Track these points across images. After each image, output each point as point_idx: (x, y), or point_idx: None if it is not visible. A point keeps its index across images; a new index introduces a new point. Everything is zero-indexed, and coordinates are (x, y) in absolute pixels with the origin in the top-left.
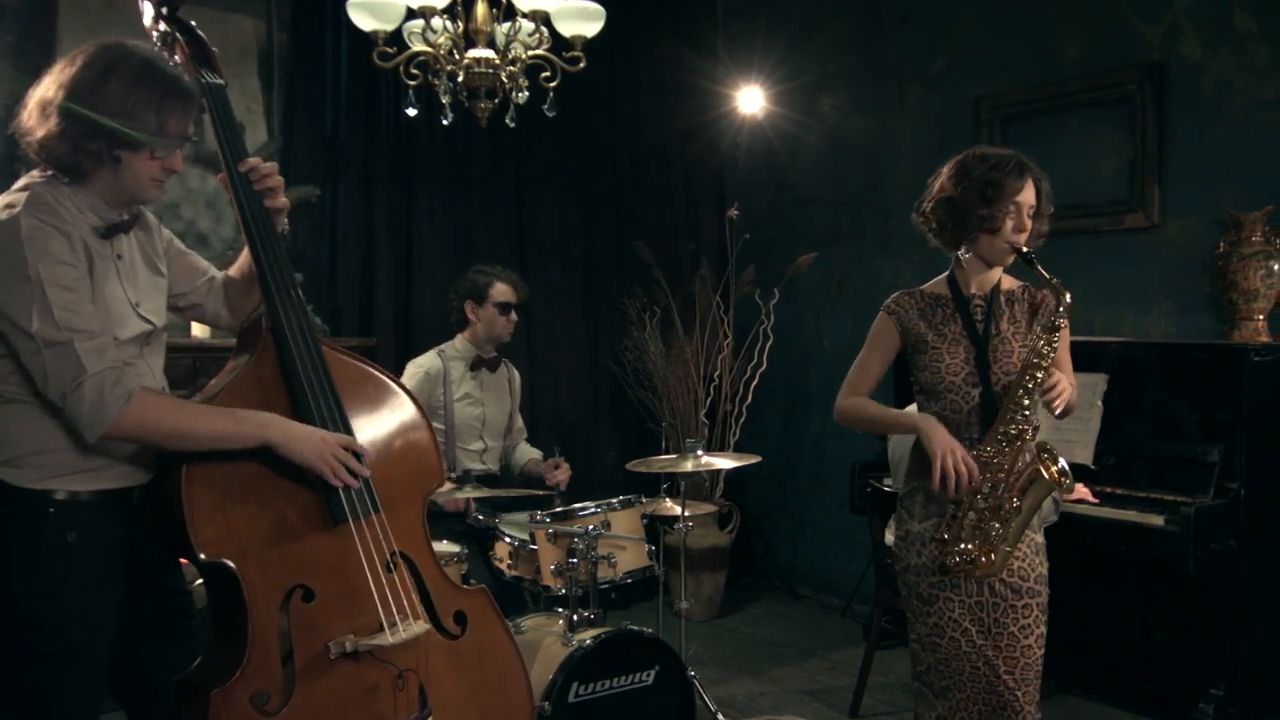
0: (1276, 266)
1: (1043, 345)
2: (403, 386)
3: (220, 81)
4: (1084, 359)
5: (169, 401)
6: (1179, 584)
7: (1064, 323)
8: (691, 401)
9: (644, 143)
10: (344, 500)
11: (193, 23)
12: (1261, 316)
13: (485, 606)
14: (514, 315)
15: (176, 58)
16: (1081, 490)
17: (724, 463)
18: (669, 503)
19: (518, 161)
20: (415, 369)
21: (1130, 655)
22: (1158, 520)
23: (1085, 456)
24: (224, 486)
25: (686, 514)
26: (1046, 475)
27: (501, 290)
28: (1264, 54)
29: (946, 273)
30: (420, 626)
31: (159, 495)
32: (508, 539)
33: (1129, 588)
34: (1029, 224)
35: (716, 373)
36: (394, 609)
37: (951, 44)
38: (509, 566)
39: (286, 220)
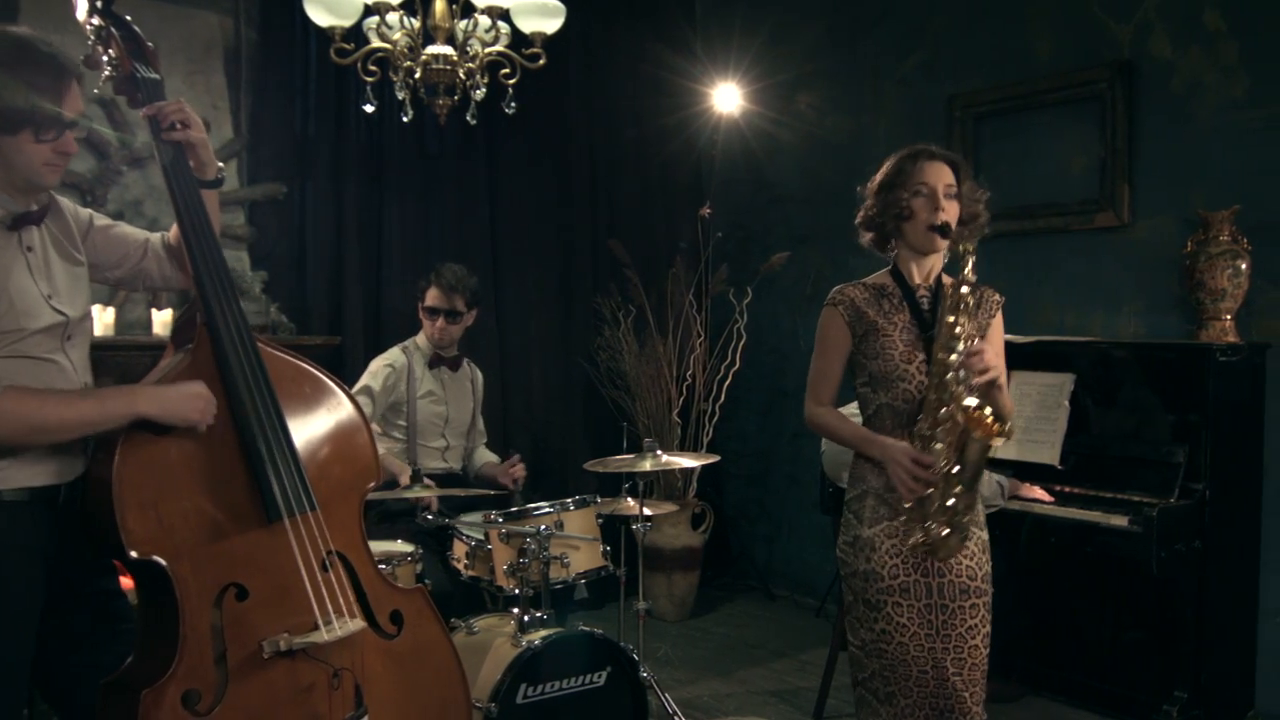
0: (1244, 266)
1: (954, 301)
2: (341, 385)
3: (156, 76)
4: (1052, 359)
5: (33, 396)
6: (1144, 585)
7: (974, 275)
8: (664, 400)
9: (620, 141)
10: (279, 497)
11: (128, 17)
12: (1229, 316)
13: (423, 607)
14: (442, 321)
15: (111, 52)
16: (1038, 491)
17: (684, 462)
18: (630, 502)
19: (490, 159)
20: (381, 363)
21: (1097, 657)
22: (1121, 521)
23: (1052, 456)
24: (156, 483)
25: (650, 513)
26: (979, 429)
27: (431, 294)
28: (1233, 53)
29: (889, 266)
30: (355, 624)
31: (88, 493)
32: (465, 538)
33: (1095, 589)
34: (947, 204)
35: (690, 372)
36: (329, 607)
37: (926, 43)
38: (465, 566)
39: (220, 166)
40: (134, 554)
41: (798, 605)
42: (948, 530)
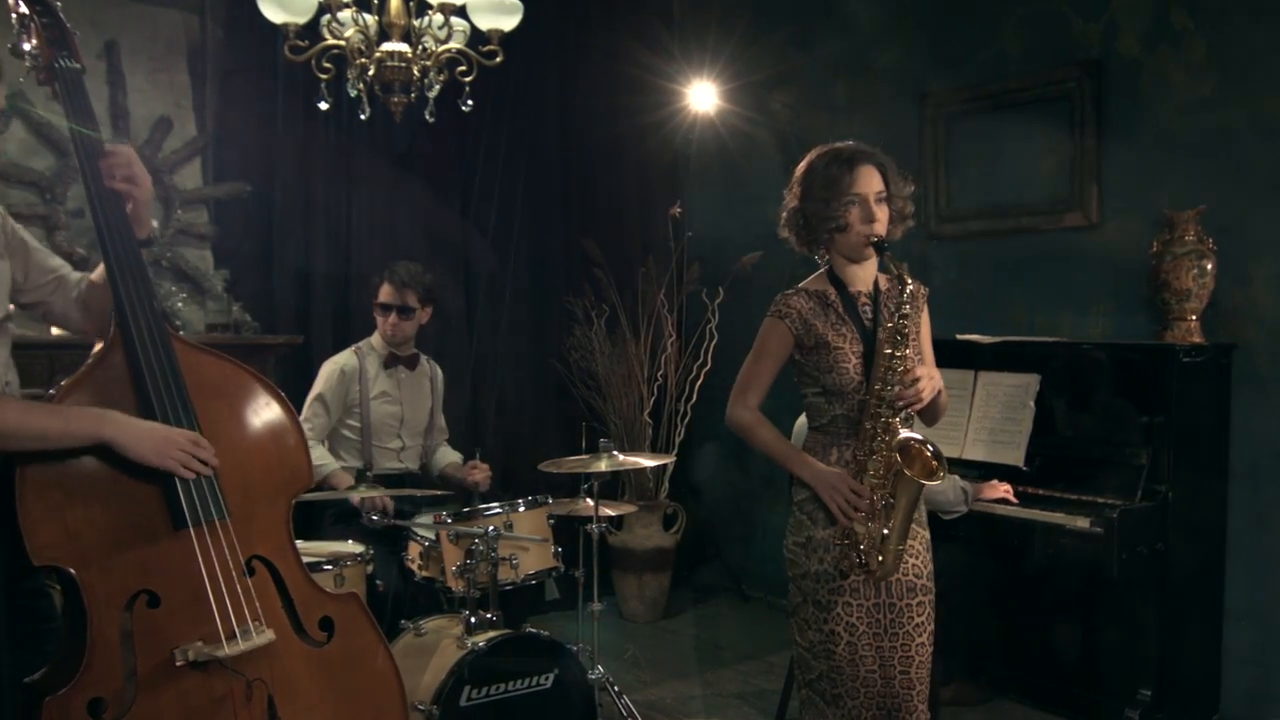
0: (1209, 266)
1: (892, 331)
2: (270, 386)
3: (77, 66)
4: (1017, 359)
5: None
6: (1110, 587)
7: (909, 307)
8: (636, 400)
9: (596, 139)
10: (185, 504)
11: (57, 4)
12: (1194, 317)
13: (356, 612)
14: (395, 317)
15: (32, 40)
16: (1004, 489)
17: (642, 461)
18: (588, 502)
19: (462, 157)
20: (331, 366)
21: (1063, 660)
22: (1083, 523)
23: (1016, 457)
24: (63, 488)
25: (612, 514)
26: (908, 471)
27: (383, 291)
28: (1200, 51)
29: (825, 269)
30: (264, 636)
31: (2, 497)
32: (419, 539)
33: (1059, 591)
34: (879, 211)
35: (661, 372)
36: (234, 617)
37: (898, 42)
38: (420, 567)
39: (155, 223)
40: (37, 561)
41: (771, 606)
42: (882, 557)
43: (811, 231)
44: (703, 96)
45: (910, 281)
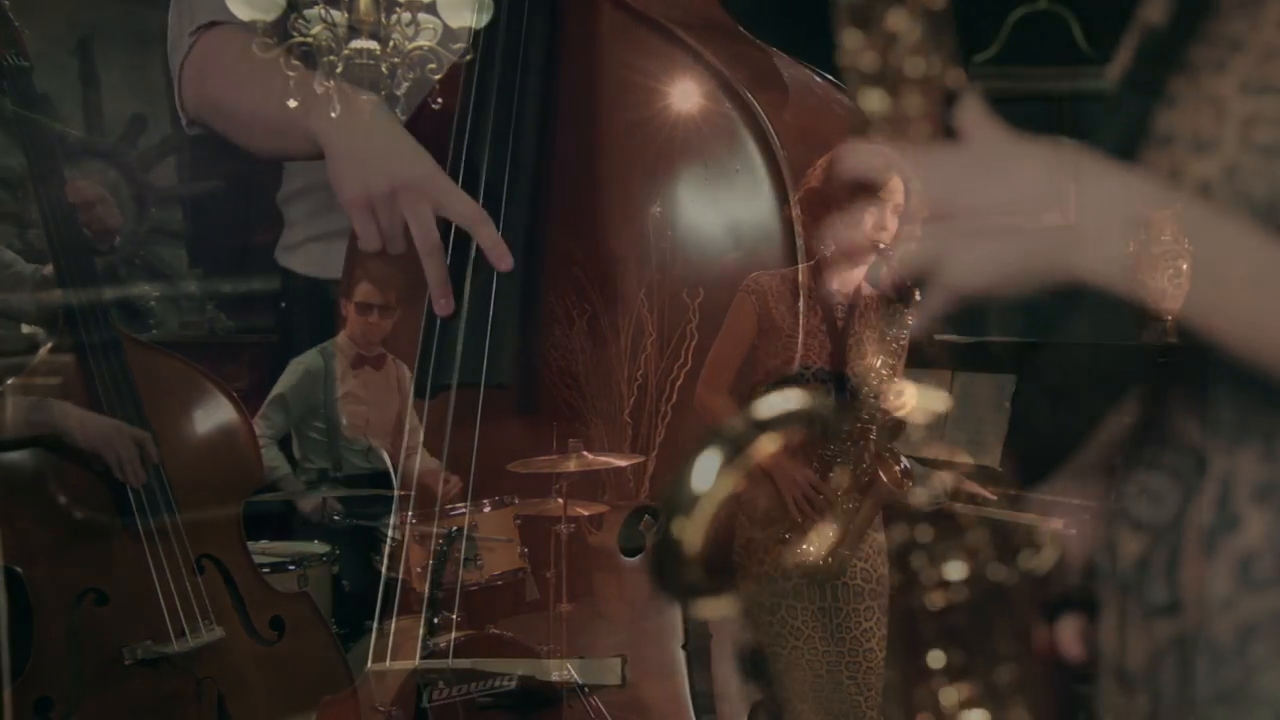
0: (1185, 266)
1: (890, 341)
2: (222, 386)
3: (25, 64)
4: (994, 359)
5: None
6: (1083, 588)
7: (911, 319)
8: (616, 400)
9: (577, 137)
10: (134, 502)
11: (4, 1)
12: (1170, 317)
13: (307, 612)
14: (376, 317)
15: None
16: (977, 488)
17: (614, 460)
18: (560, 502)
19: (439, 156)
20: (295, 367)
21: (1036, 660)
22: (1057, 524)
23: (992, 458)
24: (7, 485)
25: (585, 513)
26: (886, 477)
27: (362, 290)
28: (1178, 50)
29: (811, 261)
30: (215, 633)
31: None
32: (386, 539)
33: (1032, 592)
34: (892, 223)
35: (641, 371)
36: (183, 615)
37: (884, 40)
38: (388, 568)
39: (118, 238)
40: None
41: None
42: (830, 559)
43: (819, 217)
44: (685, 94)
45: (917, 294)
